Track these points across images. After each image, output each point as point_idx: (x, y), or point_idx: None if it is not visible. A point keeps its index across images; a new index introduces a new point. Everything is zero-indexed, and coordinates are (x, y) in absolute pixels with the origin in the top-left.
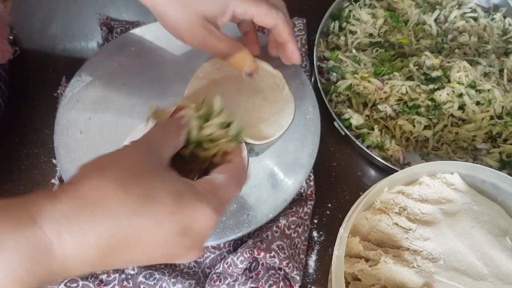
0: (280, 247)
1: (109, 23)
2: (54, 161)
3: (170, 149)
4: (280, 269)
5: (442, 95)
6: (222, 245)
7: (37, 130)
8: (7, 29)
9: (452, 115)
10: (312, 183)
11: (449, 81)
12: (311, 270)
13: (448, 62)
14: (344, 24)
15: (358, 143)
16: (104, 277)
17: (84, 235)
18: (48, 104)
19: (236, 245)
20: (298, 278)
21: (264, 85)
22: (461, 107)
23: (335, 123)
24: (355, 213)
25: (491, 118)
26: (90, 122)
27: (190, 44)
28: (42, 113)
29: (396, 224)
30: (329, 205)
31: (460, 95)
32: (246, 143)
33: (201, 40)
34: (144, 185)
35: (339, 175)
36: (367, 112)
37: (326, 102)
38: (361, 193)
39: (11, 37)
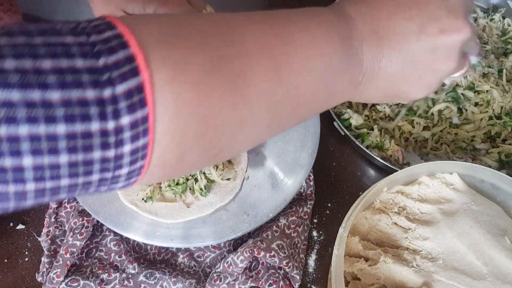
0: (280, 246)
1: None
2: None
3: None
4: (280, 268)
5: (439, 106)
6: (222, 245)
7: None
8: None
9: (450, 117)
10: (312, 183)
11: None
12: (311, 270)
13: None
14: None
15: (357, 143)
16: (105, 276)
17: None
18: None
19: (236, 245)
20: (298, 277)
21: None
22: (460, 109)
23: (334, 123)
24: (355, 213)
25: (490, 118)
26: None
27: None
28: None
29: (396, 223)
30: (329, 204)
31: (457, 101)
32: None
33: None
34: None
35: (339, 175)
36: (366, 112)
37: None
38: (360, 193)
39: None
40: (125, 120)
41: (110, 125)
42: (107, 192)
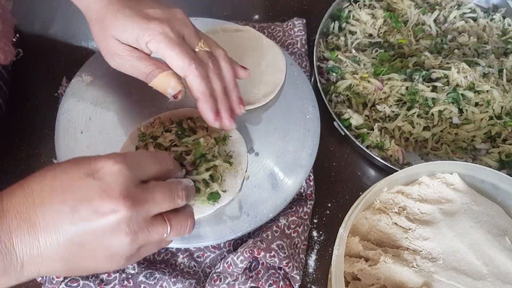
0: (280, 246)
1: None
2: (54, 161)
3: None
4: (280, 268)
5: (438, 107)
6: (222, 245)
7: (37, 130)
8: (11, 31)
9: (450, 117)
10: (312, 183)
11: (448, 82)
12: (311, 270)
13: (447, 63)
14: (344, 25)
15: (357, 143)
16: (104, 276)
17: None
18: (49, 104)
19: (236, 245)
20: (298, 277)
21: (245, 43)
22: (460, 109)
23: (335, 123)
24: (355, 213)
25: (490, 118)
26: (91, 122)
27: (112, 65)
28: (43, 113)
29: (396, 223)
30: (329, 205)
31: (457, 102)
32: (244, 139)
33: (119, 61)
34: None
35: (339, 175)
36: (366, 112)
37: (326, 102)
38: (360, 193)
39: (14, 39)
40: None
41: None
42: None
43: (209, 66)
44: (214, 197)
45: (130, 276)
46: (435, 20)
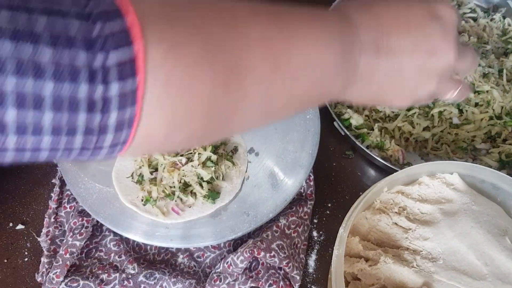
0: (280, 246)
1: None
2: (54, 160)
3: None
4: (280, 268)
5: (438, 108)
6: (222, 245)
7: None
8: None
9: (450, 118)
10: (312, 183)
11: None
12: (311, 270)
13: None
14: None
15: (358, 143)
16: (104, 276)
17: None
18: None
19: (236, 245)
20: (298, 277)
21: None
22: (460, 109)
23: (335, 123)
24: (355, 213)
25: (491, 118)
26: None
27: None
28: None
29: (396, 224)
30: (329, 205)
31: (457, 103)
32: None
33: None
34: None
35: (339, 175)
36: (366, 112)
37: (326, 102)
38: (361, 193)
39: None
40: (114, 86)
41: (98, 89)
42: (89, 160)
43: None
44: (213, 196)
45: (130, 276)
46: None
